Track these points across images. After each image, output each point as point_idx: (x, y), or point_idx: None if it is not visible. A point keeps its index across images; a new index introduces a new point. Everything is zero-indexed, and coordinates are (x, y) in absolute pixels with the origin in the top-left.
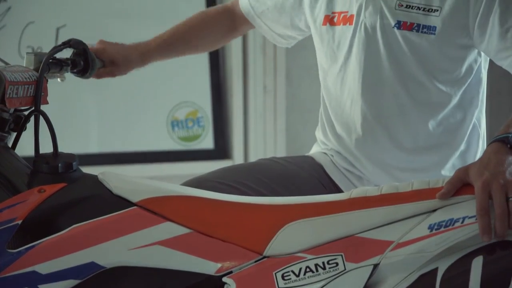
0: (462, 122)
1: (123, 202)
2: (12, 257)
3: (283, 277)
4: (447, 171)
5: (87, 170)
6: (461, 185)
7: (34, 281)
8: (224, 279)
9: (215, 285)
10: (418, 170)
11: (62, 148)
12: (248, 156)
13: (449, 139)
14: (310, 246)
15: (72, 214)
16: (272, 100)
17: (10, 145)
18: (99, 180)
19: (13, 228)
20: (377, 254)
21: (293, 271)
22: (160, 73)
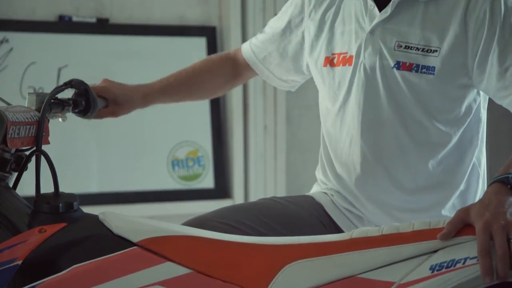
0: (462, 162)
1: (124, 242)
2: None
3: None
4: (448, 211)
5: (88, 209)
6: (462, 225)
7: None
8: None
9: None
10: (418, 210)
11: (62, 187)
12: (248, 195)
13: (449, 179)
14: (311, 287)
15: (72, 254)
16: (272, 139)
17: (11, 185)
18: (100, 220)
19: (13, 268)
20: None
21: None
22: (160, 112)
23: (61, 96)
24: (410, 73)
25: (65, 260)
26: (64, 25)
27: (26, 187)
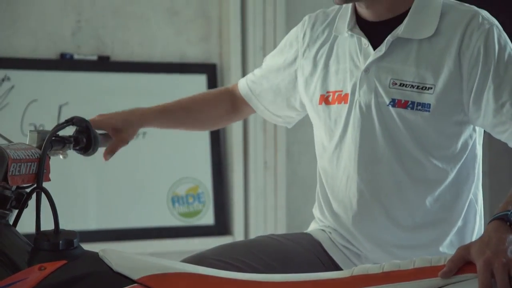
0: (459, 198)
1: (124, 280)
2: None
3: None
4: (446, 248)
5: (88, 247)
6: (463, 263)
7: None
8: None
9: None
10: (416, 247)
11: (62, 224)
12: (248, 232)
13: (446, 216)
14: None
15: None
16: (272, 176)
17: (11, 222)
18: (100, 257)
19: None
20: None
21: None
22: (161, 148)
23: (62, 133)
24: (405, 110)
25: None
26: (65, 63)
27: (26, 224)
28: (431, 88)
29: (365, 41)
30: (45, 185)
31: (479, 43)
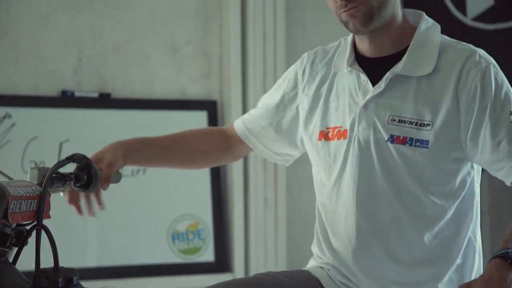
0: (457, 236)
1: None
2: None
3: None
4: (445, 285)
5: (88, 284)
6: None
7: None
8: None
9: None
10: (415, 284)
11: (62, 261)
12: (249, 269)
13: (445, 253)
14: None
15: None
16: (273, 212)
17: (11, 260)
18: None
19: None
20: None
21: None
22: (161, 185)
23: (63, 170)
24: (404, 146)
25: None
26: (66, 100)
27: (25, 261)
28: (430, 124)
29: (364, 77)
30: (45, 222)
31: (476, 81)
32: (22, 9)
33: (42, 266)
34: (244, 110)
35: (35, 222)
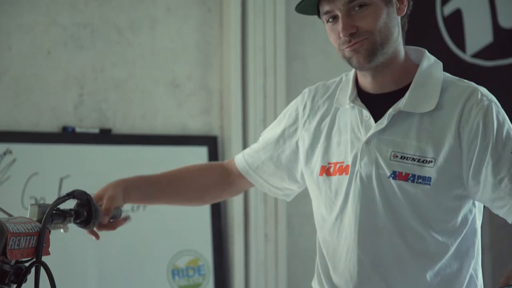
0: (459, 273)
1: None
2: None
3: None
4: None
5: None
6: None
7: None
8: None
9: None
10: None
11: None
12: None
13: None
14: None
15: None
16: (273, 248)
17: None
18: None
19: None
20: None
21: None
22: (161, 220)
23: (63, 206)
24: (406, 183)
25: None
26: (67, 136)
27: None
28: (432, 161)
29: (366, 113)
30: (44, 259)
31: (478, 119)
32: (24, 45)
33: None
34: (244, 145)
35: (34, 259)
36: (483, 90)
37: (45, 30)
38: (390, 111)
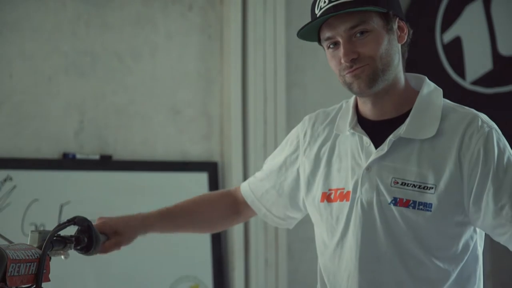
0: None
1: None
2: None
3: None
4: None
5: None
6: None
7: None
8: None
9: None
10: None
11: None
12: None
13: None
14: None
15: None
16: (273, 274)
17: None
18: None
19: None
20: None
21: None
22: (161, 246)
23: (64, 232)
24: (407, 209)
25: None
26: (67, 162)
27: None
28: (433, 188)
29: (367, 139)
30: (44, 285)
31: (479, 145)
32: (25, 71)
33: None
34: (244, 171)
35: (34, 286)
36: (484, 116)
37: (46, 57)
38: (391, 138)
